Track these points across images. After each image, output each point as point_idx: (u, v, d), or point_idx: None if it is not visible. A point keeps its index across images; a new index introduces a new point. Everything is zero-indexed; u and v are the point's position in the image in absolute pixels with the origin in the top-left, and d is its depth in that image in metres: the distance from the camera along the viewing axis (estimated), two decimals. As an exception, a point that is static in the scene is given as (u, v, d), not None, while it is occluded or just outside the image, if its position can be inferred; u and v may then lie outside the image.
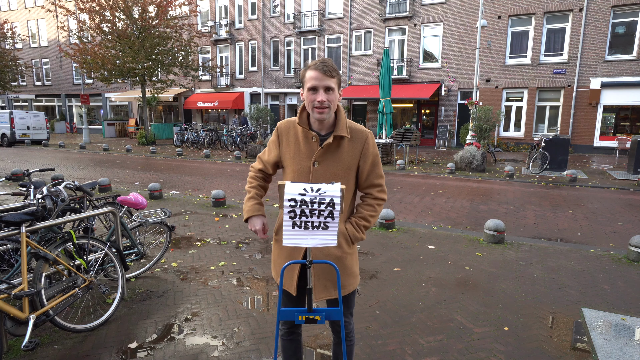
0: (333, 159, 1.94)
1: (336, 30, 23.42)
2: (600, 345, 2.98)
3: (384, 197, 2.06)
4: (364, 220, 2.02)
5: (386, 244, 5.40)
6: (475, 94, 14.47)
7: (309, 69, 1.85)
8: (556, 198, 8.91)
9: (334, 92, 1.86)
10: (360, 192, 2.12)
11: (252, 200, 2.10)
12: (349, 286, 2.05)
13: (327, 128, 1.96)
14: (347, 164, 1.96)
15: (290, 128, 2.02)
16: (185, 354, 2.90)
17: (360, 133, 1.98)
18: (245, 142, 19.00)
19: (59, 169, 12.95)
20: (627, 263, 4.78)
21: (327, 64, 1.83)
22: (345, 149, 1.95)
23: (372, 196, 2.04)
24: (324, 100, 1.83)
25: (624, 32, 17.51)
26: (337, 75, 1.88)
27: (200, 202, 7.84)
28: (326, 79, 1.82)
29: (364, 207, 2.04)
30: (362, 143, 1.97)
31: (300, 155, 1.97)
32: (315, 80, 1.82)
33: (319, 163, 1.94)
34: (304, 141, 1.97)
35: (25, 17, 34.60)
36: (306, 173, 1.96)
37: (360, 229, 2.01)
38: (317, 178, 1.94)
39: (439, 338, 3.13)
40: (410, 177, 11.68)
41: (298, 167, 1.97)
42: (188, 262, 4.68)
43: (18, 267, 3.13)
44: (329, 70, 1.82)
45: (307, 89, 1.86)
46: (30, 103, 36.11)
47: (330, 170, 1.94)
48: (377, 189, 2.03)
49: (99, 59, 19.08)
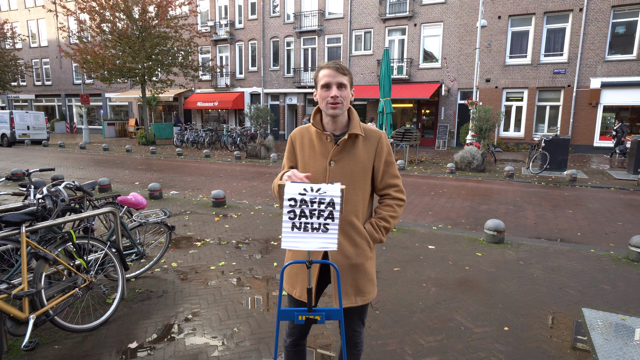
0: (349, 158, 1.94)
1: (336, 30, 23.42)
2: (600, 345, 2.98)
3: (403, 197, 2.03)
4: (384, 221, 1.98)
5: (386, 244, 5.40)
6: (475, 94, 14.47)
7: (322, 68, 1.91)
8: (556, 198, 8.91)
9: (346, 88, 1.90)
10: (378, 195, 2.09)
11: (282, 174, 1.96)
12: (368, 294, 1.99)
13: (340, 128, 1.97)
14: (362, 162, 1.95)
15: (303, 133, 2.03)
16: (185, 354, 2.90)
17: (374, 133, 1.99)
18: (246, 142, 19.00)
19: (59, 169, 12.95)
20: (627, 263, 4.78)
21: (339, 63, 1.90)
22: (360, 147, 1.95)
23: (390, 196, 2.02)
24: (337, 96, 1.86)
25: (624, 32, 17.50)
26: (349, 74, 1.93)
27: (200, 202, 7.84)
28: (339, 75, 1.87)
29: (382, 208, 2.01)
30: (377, 142, 1.98)
31: (315, 156, 1.97)
32: (328, 77, 1.87)
33: (335, 162, 1.94)
34: (318, 142, 1.98)
35: (25, 17, 34.59)
36: (322, 173, 1.95)
37: (380, 230, 1.98)
38: (333, 178, 1.93)
39: (439, 338, 3.13)
40: (410, 177, 11.67)
41: (314, 168, 1.97)
42: (188, 262, 4.68)
43: (18, 267, 3.13)
44: (341, 68, 1.88)
45: (321, 86, 1.90)
46: (30, 103, 36.10)
47: (347, 169, 1.94)
48: (394, 189, 2.02)
49: (99, 59, 19.08)
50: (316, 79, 1.93)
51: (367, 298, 1.99)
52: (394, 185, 2.01)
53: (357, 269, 1.95)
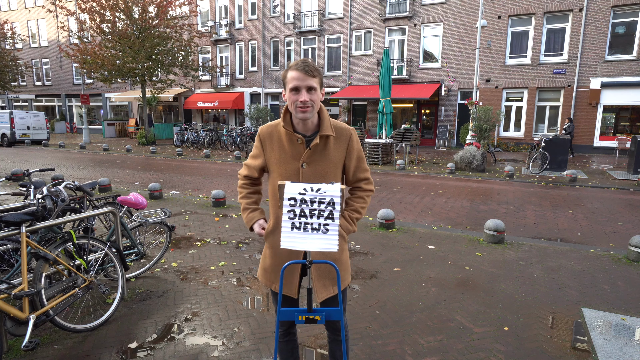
0: (321, 159, 1.96)
1: (336, 30, 23.42)
2: (600, 345, 2.98)
3: (372, 189, 2.11)
4: (356, 213, 2.06)
5: (386, 244, 5.40)
6: (475, 94, 14.47)
7: (290, 69, 1.84)
8: (556, 198, 8.91)
9: (316, 91, 1.86)
10: (348, 186, 2.13)
11: (246, 210, 2.11)
12: (344, 281, 2.09)
13: (311, 129, 1.97)
14: (334, 162, 1.98)
15: (272, 132, 2.01)
16: (185, 354, 2.90)
17: (344, 131, 2.00)
18: (246, 142, 19.00)
19: (59, 169, 12.95)
20: (627, 263, 4.78)
21: (308, 63, 1.83)
22: (331, 147, 1.97)
23: (361, 189, 2.08)
24: (307, 100, 1.83)
25: (624, 32, 17.50)
26: (319, 74, 1.88)
27: (200, 202, 7.84)
28: (308, 78, 1.82)
29: (354, 200, 2.08)
30: (347, 140, 2.00)
31: (286, 158, 1.97)
32: (297, 80, 1.81)
33: (307, 164, 1.95)
34: (289, 144, 1.97)
35: (25, 17, 34.59)
36: (295, 175, 1.96)
37: (353, 222, 2.05)
38: (306, 179, 1.95)
39: (439, 338, 3.13)
40: (410, 177, 11.67)
41: (285, 170, 1.97)
42: (188, 262, 4.68)
43: (18, 267, 3.13)
44: (310, 70, 1.82)
45: (289, 89, 1.85)
46: (30, 103, 36.10)
47: (319, 170, 1.96)
48: (365, 182, 2.08)
49: (99, 59, 19.08)
50: (284, 79, 1.87)
51: (343, 284, 2.07)
52: (364, 179, 2.08)
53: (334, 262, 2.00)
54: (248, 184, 2.16)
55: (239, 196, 2.16)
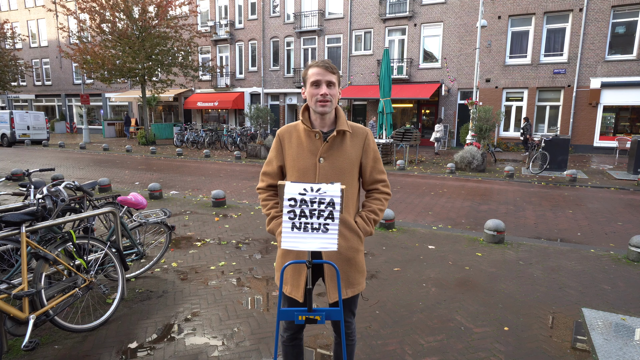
0: (339, 154, 1.98)
1: (336, 30, 23.41)
2: (600, 345, 2.98)
3: (389, 192, 2.12)
4: (373, 214, 2.06)
5: (386, 244, 5.40)
6: (475, 94, 14.47)
7: (312, 67, 1.95)
8: (556, 198, 8.91)
9: (335, 87, 1.94)
10: (365, 190, 2.15)
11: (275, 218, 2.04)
12: (357, 285, 2.05)
13: (328, 125, 2.02)
14: (351, 158, 2.00)
15: (291, 131, 2.06)
16: (185, 354, 2.90)
17: (360, 130, 2.05)
18: (245, 142, 19.00)
19: (59, 169, 12.95)
20: (627, 263, 4.78)
21: (328, 62, 1.94)
22: (348, 143, 2.00)
23: (378, 191, 2.09)
24: (327, 94, 1.90)
25: (624, 32, 17.50)
26: (338, 73, 1.98)
27: (200, 202, 7.84)
28: (328, 74, 1.92)
29: (372, 202, 2.08)
30: (363, 139, 2.04)
31: (303, 153, 1.99)
32: (318, 75, 1.91)
33: (324, 159, 1.97)
34: (306, 140, 2.00)
35: (25, 17, 34.59)
36: (312, 170, 1.98)
37: (370, 222, 2.05)
38: (323, 174, 1.96)
39: (439, 338, 3.13)
40: (410, 177, 11.67)
41: (303, 165, 1.98)
42: (188, 262, 4.68)
43: (18, 267, 3.13)
44: (330, 67, 1.93)
45: (310, 84, 1.93)
46: (30, 103, 36.11)
47: (337, 165, 1.97)
48: (382, 184, 2.09)
49: (99, 59, 19.08)
50: (305, 76, 1.97)
51: (356, 289, 2.05)
52: (381, 181, 2.09)
53: (348, 262, 2.00)
54: (272, 195, 2.11)
55: (264, 210, 2.08)
